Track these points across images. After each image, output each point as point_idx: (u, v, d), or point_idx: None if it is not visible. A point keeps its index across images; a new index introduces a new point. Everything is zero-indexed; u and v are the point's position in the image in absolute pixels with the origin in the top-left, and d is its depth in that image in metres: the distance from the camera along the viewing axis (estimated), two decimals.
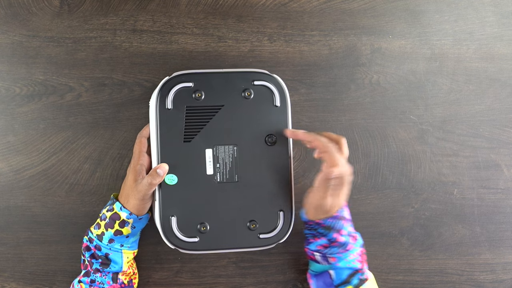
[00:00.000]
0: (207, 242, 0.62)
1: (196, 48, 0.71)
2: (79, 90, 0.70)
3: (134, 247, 0.65)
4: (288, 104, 0.63)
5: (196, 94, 0.62)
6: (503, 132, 0.74)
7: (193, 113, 0.62)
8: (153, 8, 0.71)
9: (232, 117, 0.62)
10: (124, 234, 0.61)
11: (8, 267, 0.69)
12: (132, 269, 0.66)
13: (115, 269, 0.62)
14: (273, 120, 0.63)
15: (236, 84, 0.63)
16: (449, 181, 0.73)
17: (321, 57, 0.72)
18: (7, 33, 0.70)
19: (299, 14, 0.73)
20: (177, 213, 0.61)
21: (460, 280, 0.73)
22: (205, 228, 0.62)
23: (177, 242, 0.61)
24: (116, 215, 0.61)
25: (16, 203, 0.69)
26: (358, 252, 0.61)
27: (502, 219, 0.73)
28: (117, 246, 0.62)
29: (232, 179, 0.62)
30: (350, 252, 0.60)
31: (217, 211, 0.62)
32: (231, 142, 0.62)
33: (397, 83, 0.73)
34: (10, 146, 0.69)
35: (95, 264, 0.62)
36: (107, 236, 0.61)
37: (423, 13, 0.74)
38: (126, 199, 0.61)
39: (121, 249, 0.62)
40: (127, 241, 0.63)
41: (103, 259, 0.61)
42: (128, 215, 0.60)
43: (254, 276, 0.71)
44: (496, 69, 0.74)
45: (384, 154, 0.73)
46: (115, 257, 0.62)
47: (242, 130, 0.63)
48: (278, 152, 0.63)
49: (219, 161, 0.62)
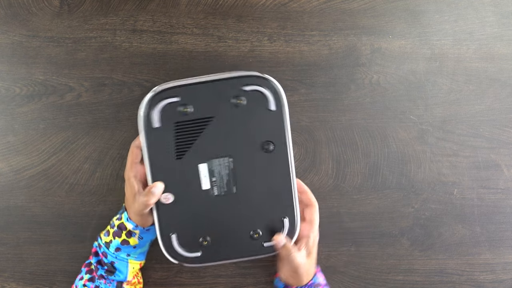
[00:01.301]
0: (210, 254, 0.61)
1: (196, 48, 0.71)
2: (79, 90, 0.70)
3: (141, 258, 0.65)
4: (284, 106, 0.60)
5: (184, 108, 0.59)
6: (503, 132, 0.74)
7: (182, 129, 0.59)
8: (153, 8, 0.71)
9: (224, 128, 0.59)
10: (131, 244, 0.61)
11: (8, 267, 0.69)
12: (138, 278, 0.66)
13: (120, 278, 0.62)
14: (268, 125, 0.60)
15: (226, 92, 0.59)
16: (449, 181, 0.73)
17: (321, 57, 0.72)
18: (7, 33, 0.70)
19: (299, 14, 0.73)
20: (177, 230, 0.61)
21: (460, 280, 0.73)
22: (206, 241, 0.61)
23: (180, 258, 0.61)
24: (123, 225, 0.61)
25: (16, 203, 0.69)
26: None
27: (502, 219, 0.73)
28: (123, 256, 0.62)
29: (230, 191, 0.61)
30: None
31: (218, 224, 0.61)
32: (226, 153, 0.60)
33: (397, 83, 0.73)
34: (10, 146, 0.69)
35: (100, 270, 0.62)
36: (114, 245, 0.61)
37: (423, 13, 0.74)
38: (128, 211, 0.61)
39: (127, 258, 0.62)
40: (134, 251, 0.62)
41: (109, 266, 0.61)
42: (134, 226, 0.60)
43: (254, 276, 0.71)
44: (496, 69, 0.74)
45: (384, 154, 0.73)
46: (120, 266, 0.62)
47: (236, 140, 0.60)
48: (277, 159, 0.60)
49: (215, 175, 0.60)
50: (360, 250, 0.72)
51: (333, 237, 0.71)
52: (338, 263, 0.72)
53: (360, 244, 0.72)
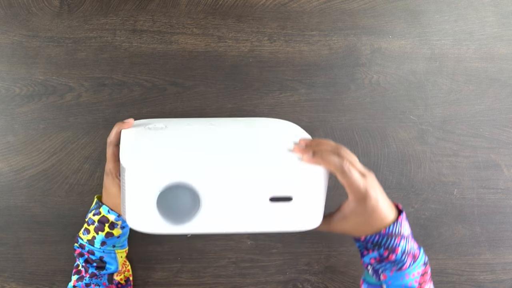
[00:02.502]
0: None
1: (196, 48, 0.71)
2: (79, 90, 0.70)
3: (125, 245, 0.65)
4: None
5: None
6: (503, 132, 0.74)
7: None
8: (153, 8, 0.71)
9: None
10: (116, 235, 0.61)
11: (8, 267, 0.69)
12: (125, 266, 0.66)
13: (111, 270, 0.62)
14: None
15: None
16: (449, 181, 0.73)
17: (321, 57, 0.72)
18: (7, 33, 0.70)
19: (299, 14, 0.73)
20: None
21: (460, 280, 0.73)
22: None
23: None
24: (105, 218, 0.60)
25: (16, 203, 0.69)
26: (419, 272, 0.53)
27: (502, 219, 0.73)
28: (109, 248, 0.62)
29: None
30: (405, 272, 0.53)
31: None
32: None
33: (397, 83, 0.73)
34: (10, 146, 0.69)
35: (90, 268, 0.62)
36: (99, 240, 0.61)
37: (423, 13, 0.74)
38: (111, 204, 0.60)
39: (114, 249, 0.62)
40: (118, 241, 0.62)
41: (98, 262, 0.61)
42: (116, 217, 0.60)
43: (254, 276, 0.71)
44: (496, 69, 0.74)
45: (384, 154, 0.73)
46: (109, 259, 0.62)
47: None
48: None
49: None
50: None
51: (333, 237, 0.71)
52: (338, 263, 0.72)
53: None
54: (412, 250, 0.53)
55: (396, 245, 0.52)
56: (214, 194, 0.49)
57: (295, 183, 0.50)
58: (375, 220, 0.52)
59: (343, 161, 0.50)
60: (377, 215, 0.52)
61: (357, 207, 0.51)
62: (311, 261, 0.71)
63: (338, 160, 0.50)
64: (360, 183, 0.50)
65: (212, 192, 0.48)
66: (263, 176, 0.49)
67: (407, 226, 0.54)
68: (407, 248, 0.53)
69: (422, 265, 0.54)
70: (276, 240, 0.71)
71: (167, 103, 0.71)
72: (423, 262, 0.54)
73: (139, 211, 0.49)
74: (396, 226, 0.52)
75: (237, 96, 0.71)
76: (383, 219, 0.52)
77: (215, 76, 0.71)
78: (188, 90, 0.71)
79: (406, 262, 0.53)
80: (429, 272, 0.55)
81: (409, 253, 0.53)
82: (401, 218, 0.53)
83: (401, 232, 0.52)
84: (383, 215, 0.52)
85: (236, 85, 0.72)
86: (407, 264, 0.53)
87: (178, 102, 0.71)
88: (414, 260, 0.53)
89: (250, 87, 0.72)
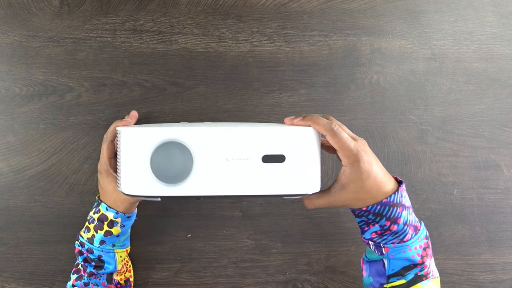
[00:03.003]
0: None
1: (196, 48, 0.71)
2: (79, 90, 0.70)
3: (126, 245, 0.65)
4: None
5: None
6: (503, 132, 0.74)
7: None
8: (153, 8, 0.71)
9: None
10: (114, 234, 0.61)
11: (8, 267, 0.69)
12: (127, 266, 0.66)
13: (109, 269, 0.62)
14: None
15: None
16: (449, 181, 0.73)
17: (321, 57, 0.72)
18: (7, 33, 0.70)
19: (299, 14, 0.73)
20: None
21: (460, 280, 0.73)
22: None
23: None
24: (104, 216, 0.60)
25: (16, 203, 0.69)
26: (420, 245, 0.53)
27: (502, 219, 0.73)
28: (109, 247, 0.62)
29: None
30: (407, 244, 0.52)
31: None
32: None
33: (397, 83, 0.73)
34: (10, 146, 0.69)
35: (89, 267, 0.62)
36: (98, 238, 0.61)
37: (423, 13, 0.74)
38: (109, 201, 0.60)
39: (113, 249, 0.62)
40: (118, 240, 0.62)
41: (96, 261, 0.61)
42: (115, 214, 0.60)
43: (254, 276, 0.71)
44: (496, 69, 0.74)
45: (384, 154, 0.73)
46: (108, 258, 0.62)
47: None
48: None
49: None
50: (360, 250, 0.71)
51: (333, 237, 0.71)
52: (338, 263, 0.72)
53: (360, 244, 0.71)
54: (413, 222, 0.53)
55: (398, 215, 0.51)
56: (206, 153, 0.49)
57: (287, 141, 0.50)
58: (372, 187, 0.51)
59: (332, 123, 0.51)
60: (372, 180, 0.51)
61: (351, 172, 0.51)
62: (311, 261, 0.71)
63: (328, 122, 0.51)
64: (350, 143, 0.51)
65: (204, 151, 0.49)
66: (255, 134, 0.50)
67: (408, 198, 0.54)
68: (409, 218, 0.52)
69: (424, 238, 0.54)
70: (276, 240, 0.71)
71: (167, 103, 0.71)
72: (424, 235, 0.54)
73: (133, 173, 0.50)
74: (397, 195, 0.52)
75: (237, 96, 0.71)
76: (380, 185, 0.52)
77: (215, 76, 0.71)
78: (188, 90, 0.71)
79: (407, 233, 0.52)
80: (431, 246, 0.55)
81: (410, 224, 0.52)
82: (401, 189, 0.53)
83: (402, 202, 0.52)
84: (379, 180, 0.52)
85: (236, 85, 0.72)
86: (408, 235, 0.52)
87: (178, 102, 0.71)
88: (415, 232, 0.53)
89: (250, 87, 0.72)
